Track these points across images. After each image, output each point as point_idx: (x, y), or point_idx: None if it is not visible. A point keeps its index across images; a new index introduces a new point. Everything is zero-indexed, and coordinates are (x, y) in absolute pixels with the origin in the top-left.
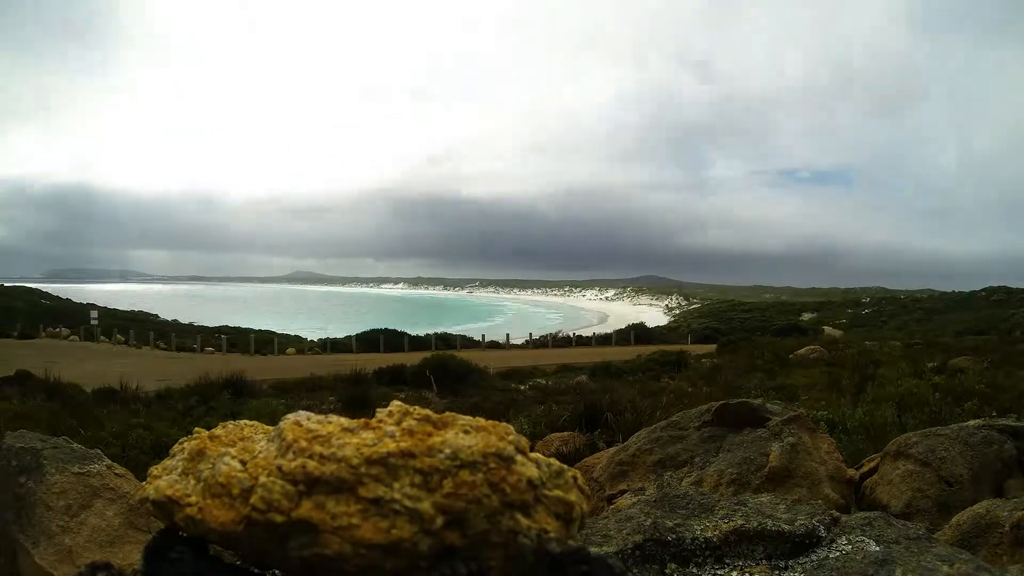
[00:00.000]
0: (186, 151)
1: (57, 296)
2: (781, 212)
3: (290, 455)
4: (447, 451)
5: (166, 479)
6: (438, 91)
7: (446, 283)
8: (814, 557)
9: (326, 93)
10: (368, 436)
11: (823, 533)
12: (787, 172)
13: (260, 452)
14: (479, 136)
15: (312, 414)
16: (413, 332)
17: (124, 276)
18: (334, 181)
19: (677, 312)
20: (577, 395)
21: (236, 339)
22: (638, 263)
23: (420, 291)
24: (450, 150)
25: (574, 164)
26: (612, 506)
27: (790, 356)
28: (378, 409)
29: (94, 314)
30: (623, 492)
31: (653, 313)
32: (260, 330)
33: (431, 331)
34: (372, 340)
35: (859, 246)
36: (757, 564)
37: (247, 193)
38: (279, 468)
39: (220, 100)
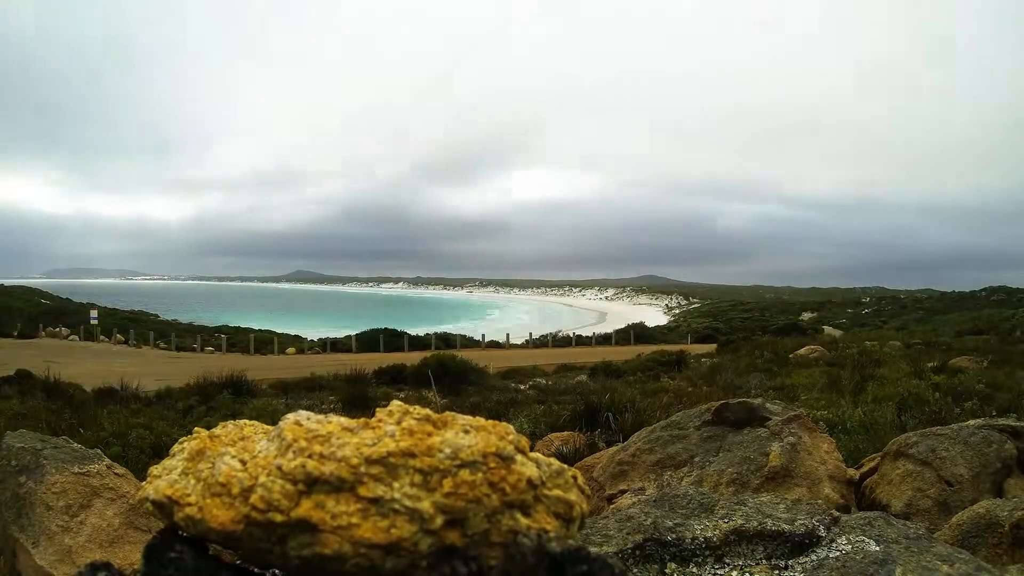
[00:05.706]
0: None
1: (57, 296)
2: None
3: (290, 455)
4: (447, 451)
5: (166, 479)
6: None
7: (446, 283)
8: (814, 557)
9: None
10: (368, 436)
11: (823, 533)
12: None
13: (260, 452)
14: None
15: (312, 414)
16: (412, 332)
17: (123, 274)
18: None
19: (677, 312)
20: (577, 395)
21: (236, 339)
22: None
23: (419, 291)
24: None
25: None
26: (612, 506)
27: (790, 356)
28: (378, 409)
29: (94, 314)
30: (623, 492)
31: (653, 313)
32: (260, 330)
33: (431, 330)
34: (372, 340)
35: None
36: (757, 564)
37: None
38: (279, 468)
39: None
